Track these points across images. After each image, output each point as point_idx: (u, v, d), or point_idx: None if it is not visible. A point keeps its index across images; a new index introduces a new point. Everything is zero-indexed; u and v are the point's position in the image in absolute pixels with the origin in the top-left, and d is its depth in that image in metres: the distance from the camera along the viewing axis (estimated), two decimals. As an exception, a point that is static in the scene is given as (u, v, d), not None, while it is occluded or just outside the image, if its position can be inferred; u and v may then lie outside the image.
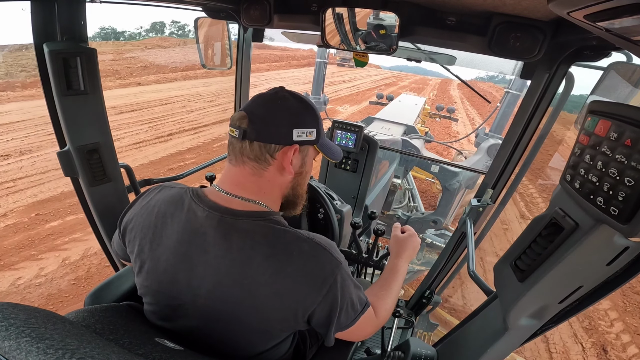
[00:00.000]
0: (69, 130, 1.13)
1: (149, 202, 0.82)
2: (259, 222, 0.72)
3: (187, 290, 0.72)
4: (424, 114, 7.98)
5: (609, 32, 0.47)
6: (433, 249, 4.20)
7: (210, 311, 0.71)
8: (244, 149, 0.75)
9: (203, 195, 0.77)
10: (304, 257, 0.70)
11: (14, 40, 21.93)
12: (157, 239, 0.75)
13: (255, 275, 0.68)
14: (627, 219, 0.45)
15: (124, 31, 43.29)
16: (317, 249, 0.72)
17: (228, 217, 0.72)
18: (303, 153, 0.82)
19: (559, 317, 0.70)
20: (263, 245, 0.69)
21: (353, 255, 1.49)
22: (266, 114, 0.75)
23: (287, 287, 0.68)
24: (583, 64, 1.08)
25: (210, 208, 0.73)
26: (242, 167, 0.76)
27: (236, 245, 0.69)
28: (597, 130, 0.51)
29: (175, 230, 0.74)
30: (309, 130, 0.79)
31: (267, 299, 0.68)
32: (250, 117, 0.74)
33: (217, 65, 1.85)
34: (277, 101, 0.76)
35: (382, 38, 1.21)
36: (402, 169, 4.65)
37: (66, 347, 0.44)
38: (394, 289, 0.98)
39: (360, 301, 0.79)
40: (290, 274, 0.68)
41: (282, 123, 0.75)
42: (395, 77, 38.82)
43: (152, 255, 0.76)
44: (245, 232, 0.70)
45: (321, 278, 0.70)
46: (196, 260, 0.71)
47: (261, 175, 0.77)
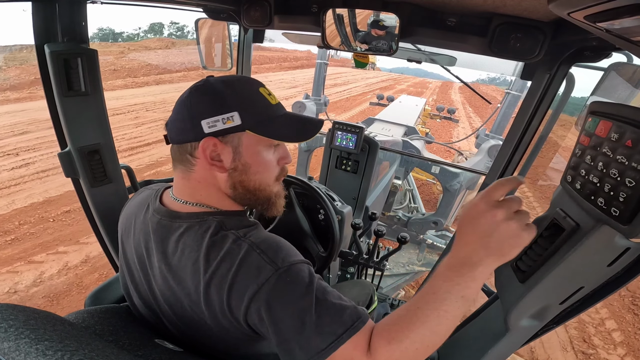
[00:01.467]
0: (70, 131, 1.13)
1: (129, 204, 0.83)
2: (195, 223, 0.67)
3: (152, 295, 0.72)
4: (424, 115, 7.97)
5: (609, 32, 0.47)
6: (433, 250, 4.19)
7: (177, 316, 0.69)
8: (172, 152, 0.73)
9: (158, 198, 0.76)
10: (232, 261, 0.62)
11: (14, 41, 21.86)
12: (127, 242, 0.77)
13: (185, 281, 0.64)
14: (628, 219, 0.45)
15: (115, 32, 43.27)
16: (245, 251, 0.62)
17: (165, 220, 0.70)
18: (232, 144, 0.69)
19: (560, 318, 0.70)
20: (193, 249, 0.64)
21: (353, 256, 1.49)
22: (174, 115, 0.70)
23: (214, 295, 0.62)
24: (584, 64, 1.08)
25: (155, 211, 0.72)
26: (176, 171, 0.73)
27: (171, 250, 0.66)
28: (598, 131, 0.51)
29: (136, 233, 0.74)
30: (226, 116, 0.66)
31: (199, 305, 0.63)
32: (167, 121, 0.72)
33: (218, 66, 1.85)
34: (184, 97, 0.69)
35: (382, 30, 1.20)
36: (402, 170, 4.64)
37: (65, 348, 0.44)
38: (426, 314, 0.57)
39: (336, 321, 0.57)
40: (217, 280, 0.61)
41: (185, 117, 0.67)
42: (393, 80, 37.61)
43: (124, 259, 0.77)
44: (179, 236, 0.67)
45: (246, 283, 0.60)
46: (149, 264, 0.71)
47: (190, 178, 0.71)
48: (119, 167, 1.32)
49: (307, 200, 1.54)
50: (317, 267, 1.46)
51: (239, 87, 0.70)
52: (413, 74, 60.99)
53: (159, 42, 25.47)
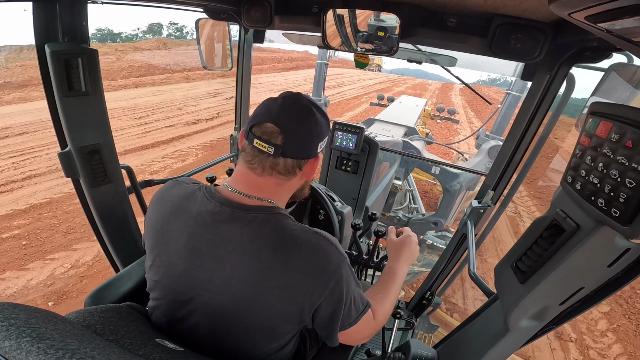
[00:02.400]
0: (70, 131, 1.13)
1: (163, 197, 0.84)
2: (269, 215, 0.74)
3: (195, 284, 0.73)
4: (424, 116, 7.97)
5: (610, 33, 0.47)
6: (434, 251, 4.19)
7: (216, 306, 0.72)
8: (276, 164, 0.76)
9: (215, 192, 0.79)
10: (312, 250, 0.71)
11: (15, 41, 21.78)
12: (169, 233, 0.77)
13: (264, 268, 0.69)
14: (628, 220, 0.45)
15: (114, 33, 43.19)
16: (324, 242, 0.74)
17: (239, 212, 0.74)
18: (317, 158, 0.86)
19: (560, 318, 0.70)
20: (272, 238, 0.71)
21: (354, 256, 1.49)
22: (300, 131, 0.77)
23: (295, 280, 0.69)
24: (584, 65, 1.08)
25: (222, 204, 0.75)
26: (268, 178, 0.78)
27: (247, 238, 0.71)
28: (599, 132, 0.51)
29: (187, 224, 0.75)
30: (326, 139, 0.85)
31: (274, 292, 0.69)
32: (284, 133, 0.74)
33: (218, 66, 1.86)
34: (309, 117, 0.77)
35: (382, 39, 1.21)
36: (402, 170, 4.65)
37: (66, 347, 0.44)
38: (392, 293, 0.98)
39: (362, 300, 0.81)
40: (298, 266, 0.69)
41: (313, 140, 0.79)
42: (392, 82, 36.00)
43: (164, 250, 0.77)
44: (257, 225, 0.72)
45: (329, 271, 0.71)
46: (207, 255, 0.72)
47: (284, 184, 0.81)
48: (119, 167, 1.32)
49: (307, 200, 1.54)
50: None
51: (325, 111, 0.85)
52: (413, 75, 60.76)
53: (151, 43, 24.79)
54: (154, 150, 7.80)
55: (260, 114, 0.77)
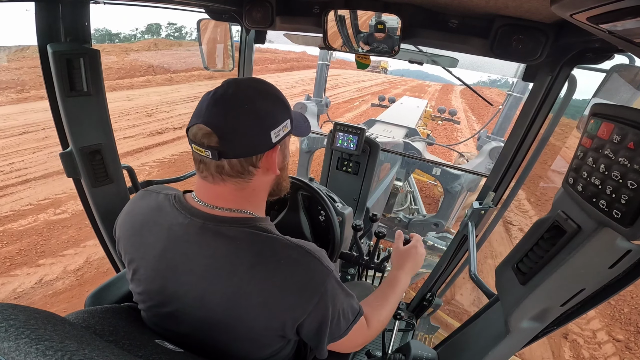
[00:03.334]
0: (72, 131, 1.13)
1: (133, 209, 0.79)
2: (244, 229, 0.69)
3: (175, 298, 0.70)
4: (425, 117, 7.97)
5: (611, 34, 0.47)
6: (434, 252, 4.19)
7: (199, 319, 0.69)
8: (221, 168, 0.68)
9: (185, 202, 0.73)
10: (293, 266, 0.66)
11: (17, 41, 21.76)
12: (142, 247, 0.73)
13: (241, 284, 0.64)
14: (629, 222, 0.45)
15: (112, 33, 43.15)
16: (306, 256, 0.68)
17: (211, 224, 0.68)
18: (283, 147, 0.77)
19: (561, 319, 0.70)
20: (248, 253, 0.65)
21: (354, 257, 1.48)
22: (237, 125, 0.65)
23: (275, 297, 0.65)
24: (586, 66, 1.08)
25: (192, 215, 0.70)
26: (223, 184, 0.70)
27: (220, 252, 0.66)
28: (600, 133, 0.51)
29: (159, 238, 0.71)
30: (284, 124, 0.72)
31: (253, 308, 0.65)
32: (218, 132, 0.65)
33: (219, 67, 1.86)
34: (244, 106, 0.66)
35: (383, 41, 1.20)
36: (403, 171, 4.64)
37: (65, 348, 0.44)
38: (390, 302, 0.94)
39: (352, 310, 0.76)
40: (278, 283, 0.65)
41: (258, 131, 0.67)
42: (389, 83, 34.46)
43: (141, 264, 0.74)
44: (229, 239, 0.67)
45: (311, 287, 0.66)
46: (181, 269, 0.68)
47: (245, 187, 0.72)
48: (120, 168, 1.32)
49: (308, 201, 1.54)
50: None
51: (278, 91, 0.74)
52: (413, 76, 60.58)
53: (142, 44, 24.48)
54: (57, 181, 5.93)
55: (194, 114, 0.69)
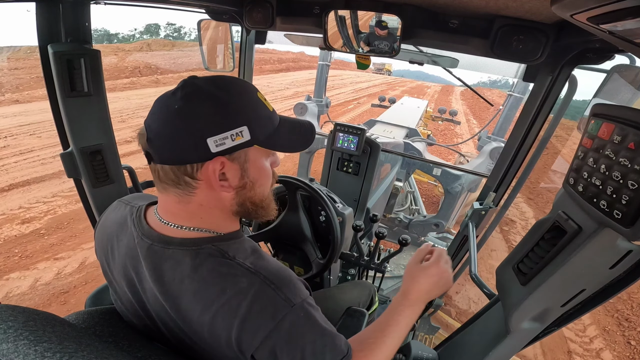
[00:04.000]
0: (73, 132, 1.13)
1: (104, 222, 0.77)
2: (192, 252, 0.62)
3: (143, 314, 0.68)
4: (426, 117, 7.96)
5: (612, 34, 0.46)
6: (435, 252, 4.18)
7: (167, 336, 0.67)
8: (157, 173, 0.62)
9: (142, 219, 0.69)
10: (239, 296, 0.58)
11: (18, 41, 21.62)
12: (111, 263, 0.72)
13: (186, 311, 0.59)
14: (630, 222, 0.45)
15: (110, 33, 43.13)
16: (259, 285, 0.59)
17: (157, 246, 0.63)
18: (239, 161, 0.63)
19: (561, 320, 0.70)
20: (193, 280, 0.59)
21: (354, 258, 1.48)
22: (164, 129, 0.58)
23: (219, 328, 0.58)
24: (586, 66, 1.08)
25: (143, 235, 0.65)
26: (166, 194, 0.64)
27: (167, 277, 0.61)
28: (601, 134, 0.51)
29: (120, 255, 0.69)
30: (235, 131, 0.59)
31: (202, 337, 0.60)
32: (149, 134, 0.59)
33: (220, 67, 1.86)
34: (173, 106, 0.58)
35: (384, 30, 1.20)
36: (404, 171, 4.64)
37: (64, 350, 0.44)
38: (393, 333, 0.74)
39: (332, 352, 0.62)
40: (221, 314, 0.57)
41: (187, 136, 0.58)
42: (387, 85, 33.25)
43: (111, 278, 0.73)
44: (175, 264, 0.61)
45: (258, 322, 0.57)
46: (141, 288, 0.66)
47: (189, 202, 0.64)
48: (121, 168, 1.32)
49: (308, 202, 1.54)
50: (315, 271, 1.45)
51: (237, 93, 0.62)
52: (413, 76, 60.55)
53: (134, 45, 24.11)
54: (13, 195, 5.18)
55: None
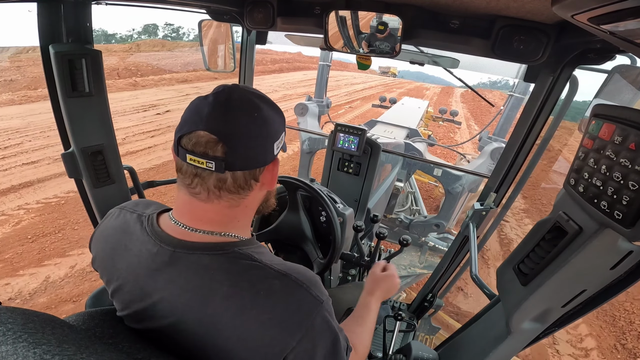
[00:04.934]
0: (74, 132, 1.13)
1: (105, 229, 0.75)
2: (220, 256, 0.63)
3: (152, 321, 0.66)
4: (426, 117, 7.96)
5: (613, 35, 0.46)
6: (435, 253, 4.19)
7: (178, 343, 0.65)
8: (222, 182, 0.62)
9: (156, 226, 0.68)
10: (274, 298, 0.59)
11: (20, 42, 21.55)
12: (116, 271, 0.70)
13: (215, 316, 0.59)
14: (631, 223, 0.45)
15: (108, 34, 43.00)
16: (290, 286, 0.61)
17: (181, 252, 0.63)
18: (277, 160, 0.72)
19: (562, 320, 0.70)
20: (223, 284, 0.60)
21: (355, 258, 1.48)
22: (245, 134, 0.60)
23: (252, 332, 0.58)
24: (587, 67, 1.08)
25: (162, 242, 0.65)
26: (217, 201, 0.64)
27: (193, 283, 0.61)
28: (601, 134, 0.51)
29: (130, 264, 0.67)
30: (283, 135, 0.69)
31: (230, 341, 0.59)
32: (225, 141, 0.59)
33: (221, 68, 1.86)
34: (254, 114, 0.61)
35: (385, 38, 1.20)
36: (404, 172, 4.64)
37: (63, 352, 0.44)
38: (368, 325, 0.95)
39: (343, 344, 0.68)
40: (256, 316, 0.58)
41: (266, 141, 0.63)
42: (384, 86, 32.50)
43: (117, 287, 0.70)
44: (203, 268, 0.61)
45: (295, 321, 0.60)
46: (155, 297, 0.64)
47: (239, 205, 0.66)
48: (122, 168, 1.32)
49: (309, 202, 1.54)
50: (315, 272, 1.45)
51: (274, 102, 0.69)
52: (413, 77, 60.49)
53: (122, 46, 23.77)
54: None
55: (188, 119, 0.61)
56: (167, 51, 25.56)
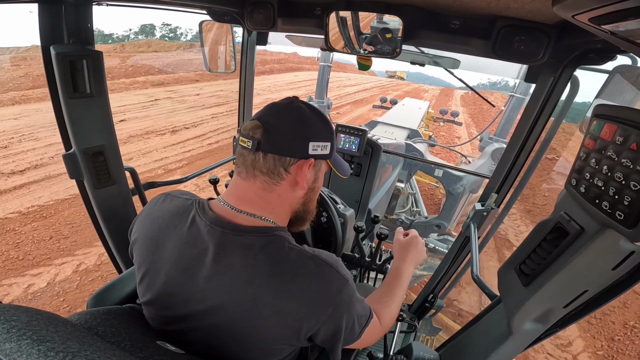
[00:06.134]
0: (75, 133, 1.14)
1: (152, 212, 0.80)
2: (263, 238, 0.70)
3: (186, 304, 0.70)
4: (427, 118, 7.97)
5: (614, 35, 0.46)
6: (435, 254, 4.18)
7: (211, 326, 0.69)
8: (256, 161, 0.71)
9: (207, 209, 0.74)
10: (309, 276, 0.67)
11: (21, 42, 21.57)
12: (159, 251, 0.74)
13: (257, 294, 0.65)
14: (632, 223, 0.45)
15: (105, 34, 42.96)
16: (323, 266, 0.69)
17: (230, 233, 0.69)
18: (317, 167, 0.79)
19: (563, 321, 0.70)
20: (266, 263, 0.66)
21: (356, 259, 1.48)
22: (282, 124, 0.72)
23: (291, 307, 0.65)
24: (588, 67, 1.08)
25: (212, 222, 0.71)
26: (253, 181, 0.73)
27: (238, 262, 0.67)
28: (603, 134, 0.51)
29: (177, 243, 0.72)
30: (324, 144, 0.76)
31: (268, 318, 0.66)
32: (265, 126, 0.70)
33: (222, 69, 1.86)
34: (294, 111, 0.73)
35: (388, 42, 1.21)
36: (405, 173, 4.64)
37: (67, 349, 0.44)
38: (397, 295, 0.96)
39: (364, 313, 0.78)
40: (294, 294, 0.65)
41: (298, 135, 0.73)
42: (379, 89, 30.32)
43: (153, 267, 0.74)
44: (248, 249, 0.68)
45: (327, 297, 0.67)
46: (198, 276, 0.69)
47: (272, 190, 0.74)
48: (123, 169, 1.32)
49: None
50: None
51: (328, 119, 0.80)
52: (411, 78, 60.21)
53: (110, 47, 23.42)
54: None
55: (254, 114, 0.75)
56: (152, 52, 24.56)
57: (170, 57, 23.47)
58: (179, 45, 29.10)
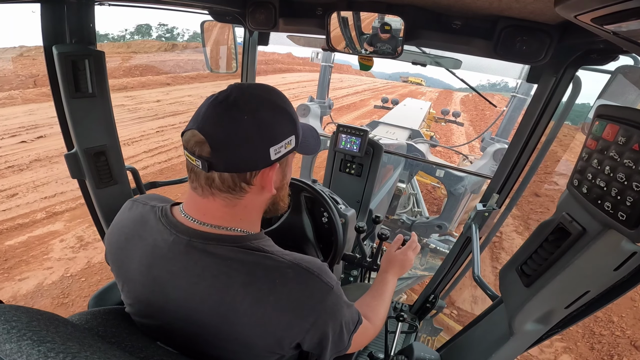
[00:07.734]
0: (77, 133, 1.14)
1: (120, 221, 0.76)
2: (234, 247, 0.64)
3: (163, 312, 0.67)
4: (429, 118, 7.96)
5: (616, 35, 0.46)
6: (436, 255, 4.18)
7: (190, 334, 0.66)
8: (211, 180, 0.63)
9: (171, 216, 0.69)
10: (288, 286, 0.62)
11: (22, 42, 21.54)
12: (128, 260, 0.70)
13: (233, 303, 0.61)
14: (635, 224, 0.45)
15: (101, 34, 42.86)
16: (303, 275, 0.64)
17: (197, 242, 0.64)
18: (283, 165, 0.71)
19: (565, 322, 0.70)
20: (240, 272, 0.62)
21: (357, 259, 1.48)
22: (232, 138, 0.60)
23: (270, 317, 0.61)
24: (590, 67, 1.07)
25: (178, 231, 0.66)
26: (212, 198, 0.65)
27: (209, 272, 0.62)
28: (605, 135, 0.51)
29: (144, 253, 0.68)
30: (288, 140, 0.66)
31: (247, 327, 0.62)
32: (211, 142, 0.59)
33: (223, 68, 1.87)
34: (244, 116, 0.60)
35: (389, 40, 1.21)
36: (406, 173, 4.63)
37: (67, 350, 0.44)
38: (385, 299, 0.99)
39: (352, 321, 0.74)
40: (273, 304, 0.61)
41: (256, 145, 0.61)
42: (372, 92, 28.41)
43: (127, 278, 0.71)
44: (220, 258, 0.63)
45: (309, 307, 0.64)
46: (169, 285, 0.65)
47: (235, 205, 0.67)
48: (125, 169, 1.32)
49: (311, 203, 1.54)
50: None
51: (289, 103, 0.67)
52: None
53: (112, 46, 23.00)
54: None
55: (193, 116, 0.63)
56: (131, 52, 23.22)
57: (146, 58, 21.95)
58: (160, 45, 28.14)
